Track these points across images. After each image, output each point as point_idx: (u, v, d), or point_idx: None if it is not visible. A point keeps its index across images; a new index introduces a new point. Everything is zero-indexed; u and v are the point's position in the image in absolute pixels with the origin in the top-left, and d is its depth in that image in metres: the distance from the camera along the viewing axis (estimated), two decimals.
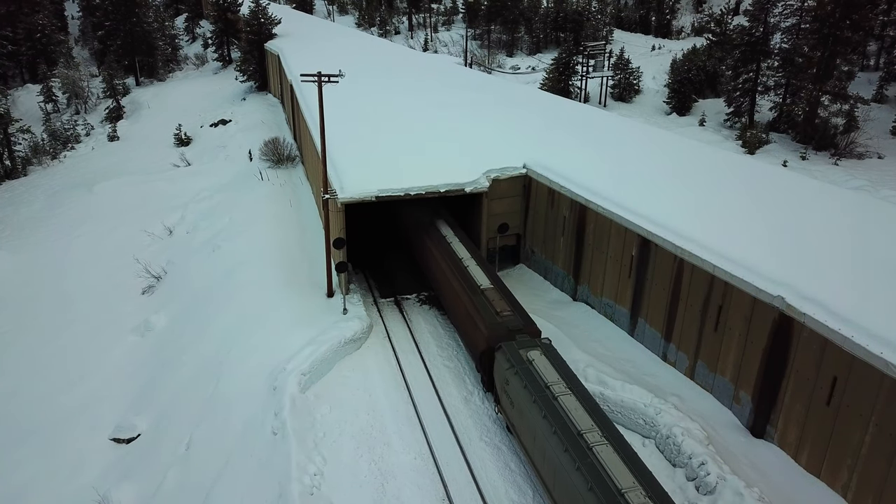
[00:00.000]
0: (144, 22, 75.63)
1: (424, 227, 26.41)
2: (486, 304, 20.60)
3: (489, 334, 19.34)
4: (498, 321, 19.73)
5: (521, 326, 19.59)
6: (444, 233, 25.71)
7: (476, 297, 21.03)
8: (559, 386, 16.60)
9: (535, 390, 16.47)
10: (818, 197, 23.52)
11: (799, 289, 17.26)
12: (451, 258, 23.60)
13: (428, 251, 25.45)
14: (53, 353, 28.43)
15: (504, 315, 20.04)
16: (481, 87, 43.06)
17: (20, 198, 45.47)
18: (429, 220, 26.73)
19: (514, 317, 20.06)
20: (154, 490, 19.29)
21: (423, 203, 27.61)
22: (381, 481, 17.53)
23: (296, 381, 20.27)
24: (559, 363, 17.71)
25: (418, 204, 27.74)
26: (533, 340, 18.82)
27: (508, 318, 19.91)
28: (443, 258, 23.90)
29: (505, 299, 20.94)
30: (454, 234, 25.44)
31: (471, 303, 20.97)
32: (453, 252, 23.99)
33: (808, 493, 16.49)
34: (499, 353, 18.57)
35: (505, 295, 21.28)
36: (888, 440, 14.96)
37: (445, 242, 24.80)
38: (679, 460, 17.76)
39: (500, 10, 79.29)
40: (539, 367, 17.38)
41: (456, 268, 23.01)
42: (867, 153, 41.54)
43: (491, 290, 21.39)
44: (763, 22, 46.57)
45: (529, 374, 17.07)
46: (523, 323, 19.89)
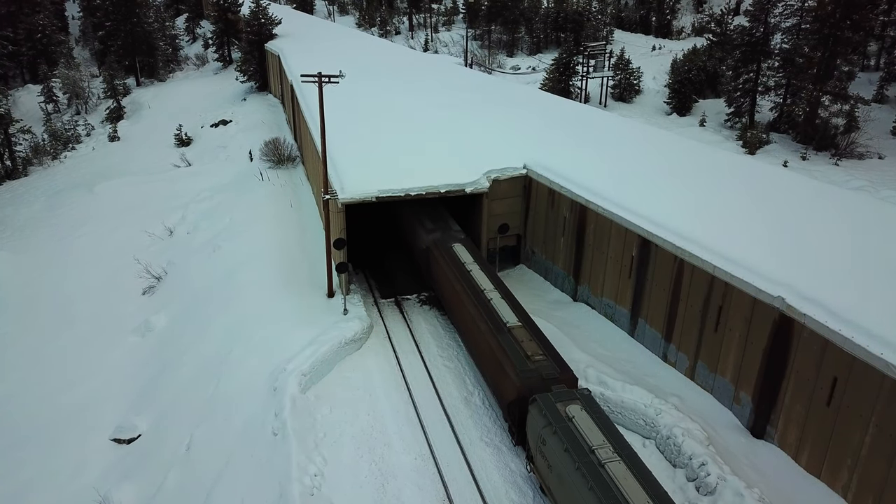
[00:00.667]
0: (145, 22, 75.66)
1: (439, 250, 24.37)
2: (515, 347, 18.56)
3: (520, 383, 17.33)
4: (530, 367, 17.74)
5: (556, 374, 17.62)
6: (463, 258, 23.53)
7: (503, 338, 18.97)
8: (606, 450, 14.62)
9: (579, 455, 14.54)
10: (818, 197, 23.52)
11: (799, 289, 17.27)
12: (472, 289, 21.54)
13: (443, 277, 23.64)
14: (54, 354, 28.45)
15: (536, 360, 18.04)
16: (481, 88, 43.07)
17: (21, 198, 45.50)
18: (443, 240, 24.88)
19: (548, 362, 18.05)
20: (155, 490, 19.30)
21: (433, 216, 26.97)
22: (382, 482, 17.54)
23: (296, 382, 20.27)
24: (603, 421, 15.66)
25: (427, 215, 26.84)
26: (571, 392, 16.79)
27: (541, 364, 17.91)
28: (462, 288, 21.83)
29: (536, 340, 18.96)
30: (474, 261, 23.35)
31: (497, 344, 18.94)
32: (474, 282, 21.89)
33: (809, 493, 16.50)
34: (533, 406, 16.52)
35: (535, 335, 19.28)
36: (888, 441, 14.96)
37: (464, 270, 22.72)
38: (679, 461, 17.76)
39: (501, 11, 79.31)
40: (581, 425, 15.34)
41: (478, 300, 20.91)
42: (868, 153, 41.52)
43: (519, 329, 19.33)
44: (763, 22, 46.56)
45: (570, 435, 15.08)
46: (558, 370, 17.89)
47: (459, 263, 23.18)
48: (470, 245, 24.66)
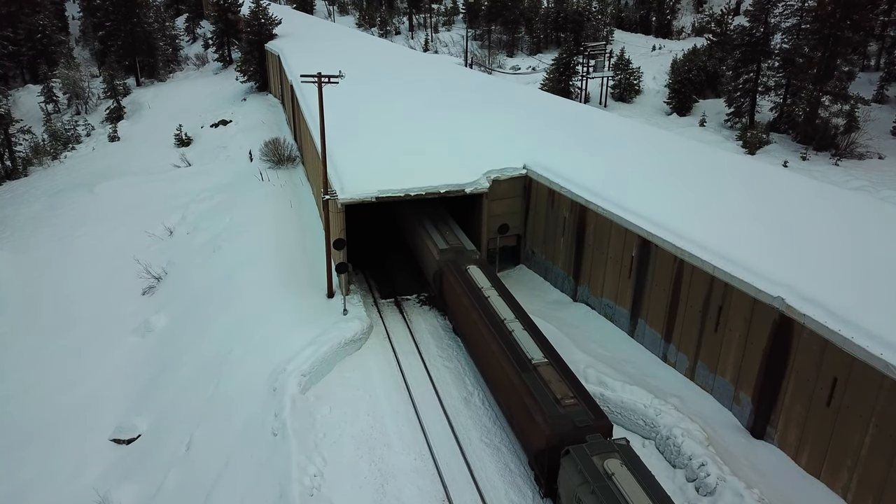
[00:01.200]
0: (145, 22, 75.65)
1: (454, 273, 22.74)
2: (543, 388, 16.93)
3: (550, 431, 15.78)
4: (560, 413, 16.11)
5: (589, 422, 15.94)
6: (480, 282, 21.91)
7: (528, 377, 17.33)
8: None
9: None
10: (817, 197, 23.52)
11: (799, 289, 17.27)
12: (491, 319, 19.88)
13: (458, 303, 21.99)
14: (54, 354, 28.45)
15: (567, 404, 16.38)
16: (481, 88, 43.06)
17: (21, 198, 45.50)
18: (456, 261, 23.40)
19: (580, 406, 16.37)
20: (154, 491, 19.30)
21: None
22: (382, 482, 17.54)
23: (296, 382, 20.27)
24: (647, 478, 14.24)
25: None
26: (608, 443, 15.35)
27: (573, 409, 16.25)
28: (480, 317, 20.18)
29: (566, 380, 17.31)
30: (492, 285, 21.74)
31: (522, 384, 17.30)
32: (493, 311, 20.23)
33: (809, 494, 16.50)
34: (566, 460, 15.05)
35: (565, 374, 17.62)
36: (888, 441, 14.96)
37: (482, 296, 21.05)
38: (679, 461, 17.76)
39: (501, 11, 79.29)
40: (623, 484, 13.91)
41: (498, 333, 19.21)
42: (868, 153, 41.52)
43: (546, 367, 17.71)
44: (763, 22, 46.55)
45: (611, 497, 13.61)
46: (592, 416, 16.16)
47: (476, 289, 21.52)
48: (486, 266, 23.26)
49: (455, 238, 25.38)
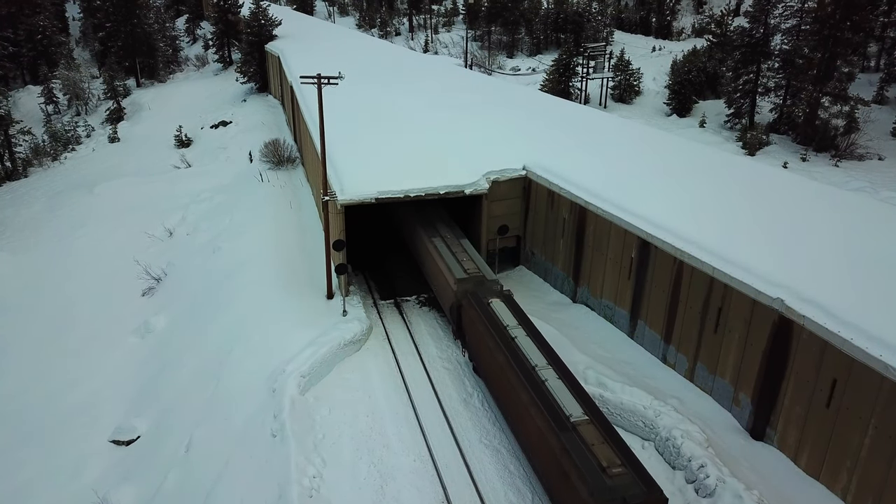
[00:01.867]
0: (145, 23, 75.71)
1: (475, 308, 20.51)
2: (585, 453, 14.80)
3: None
4: (607, 485, 14.04)
5: (642, 496, 13.86)
6: (505, 320, 19.70)
7: (567, 439, 15.17)
8: None
9: None
10: (816, 198, 23.54)
11: (798, 291, 17.27)
12: (520, 364, 17.67)
13: (482, 343, 19.94)
14: (53, 355, 28.43)
15: (615, 473, 14.29)
16: (481, 89, 43.06)
17: (21, 199, 45.50)
18: (477, 292, 21.14)
19: (630, 476, 14.27)
20: (154, 492, 19.31)
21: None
22: (381, 483, 17.53)
23: (295, 384, 20.27)
24: None
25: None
26: None
27: (622, 480, 14.17)
28: (507, 362, 18.03)
29: (611, 443, 15.14)
30: (518, 323, 19.54)
31: (559, 446, 15.17)
32: (523, 355, 17.97)
33: (808, 495, 16.49)
34: None
35: (609, 434, 15.42)
36: (887, 442, 14.95)
37: (507, 336, 18.80)
38: (678, 463, 17.75)
39: (501, 12, 79.31)
40: None
41: (529, 383, 16.96)
42: (867, 154, 41.50)
43: (588, 427, 15.53)
44: (763, 23, 46.56)
45: None
46: (644, 488, 14.05)
47: (501, 327, 19.27)
48: (510, 300, 21.04)
49: (469, 260, 23.38)
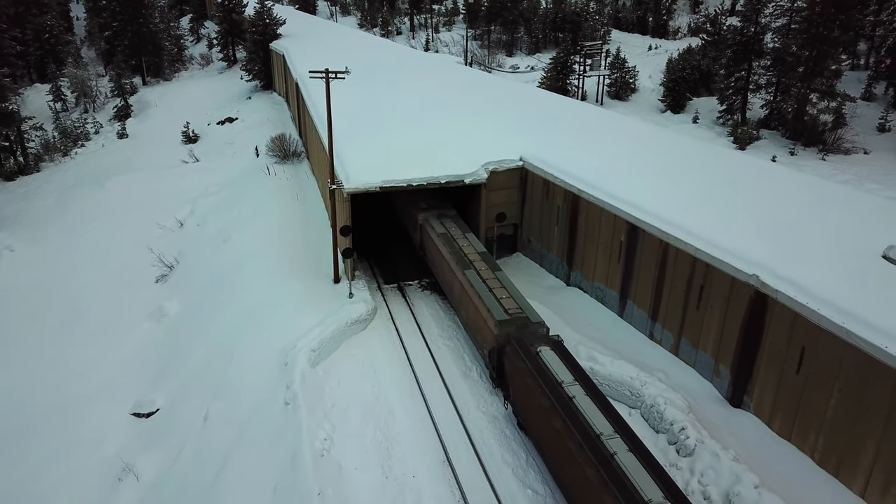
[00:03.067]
0: (151, 23, 77.21)
1: (522, 358, 18.37)
2: None
3: None
4: None
5: None
6: (560, 375, 17.26)
7: None
8: None
9: None
10: (794, 186, 24.99)
11: (773, 268, 18.63)
12: (583, 432, 15.24)
13: (534, 403, 17.60)
14: (72, 339, 29.79)
15: None
16: (480, 85, 44.46)
17: (34, 193, 46.92)
18: (522, 338, 19.12)
19: None
20: (175, 456, 20.72)
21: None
22: (387, 446, 18.95)
23: (306, 358, 21.69)
24: None
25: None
26: None
27: None
28: (568, 429, 15.68)
29: None
30: (575, 378, 17.16)
31: None
32: (585, 422, 15.48)
33: (779, 453, 17.87)
34: None
35: None
36: (850, 403, 16.36)
37: (565, 396, 16.43)
38: (662, 427, 19.17)
39: (500, 11, 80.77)
40: None
41: (596, 456, 14.56)
42: (854, 149, 42.93)
43: None
44: (755, 22, 48.00)
45: None
46: None
47: (555, 384, 16.90)
48: (561, 348, 18.93)
49: (503, 290, 21.65)
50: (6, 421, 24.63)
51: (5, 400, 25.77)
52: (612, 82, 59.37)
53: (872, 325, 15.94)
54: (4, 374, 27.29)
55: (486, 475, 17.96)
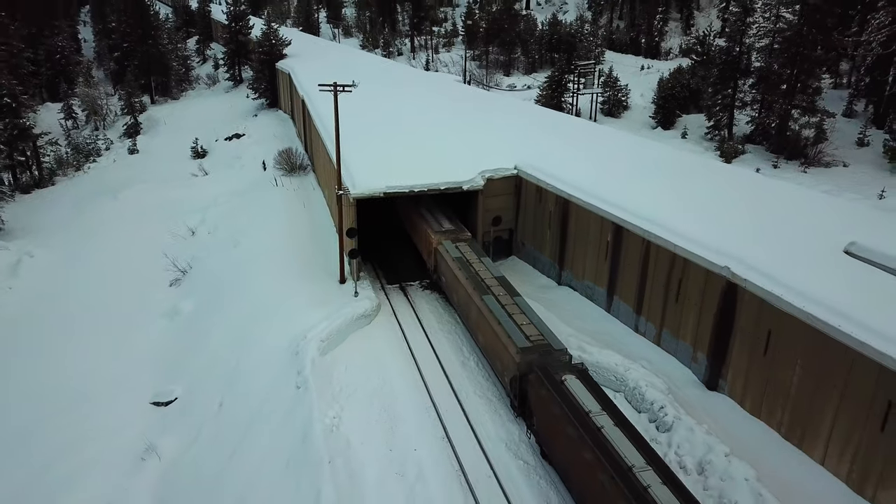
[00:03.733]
0: (160, 44, 79.90)
1: (546, 387, 17.96)
2: None
3: None
4: None
5: None
6: (586, 404, 16.92)
7: None
8: None
9: None
10: (765, 189, 27.04)
11: (743, 260, 20.49)
12: (615, 464, 14.93)
13: (557, 427, 17.37)
14: (90, 336, 31.27)
15: None
16: (478, 101, 46.69)
17: (50, 204, 48.83)
18: (546, 366, 18.78)
19: None
20: (194, 437, 22.36)
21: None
22: (391, 424, 20.61)
23: (315, 347, 23.43)
24: None
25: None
26: None
27: None
28: (597, 459, 15.31)
29: None
30: (602, 408, 16.86)
31: None
32: (616, 454, 15.15)
33: (750, 429, 19.57)
34: None
35: None
36: (810, 379, 18.10)
37: (593, 426, 16.13)
38: (643, 407, 20.89)
39: (498, 33, 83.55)
40: None
41: (630, 489, 14.18)
42: (834, 162, 44.99)
43: None
44: (739, 42, 50.41)
45: None
46: None
47: (583, 414, 16.52)
48: (587, 377, 18.47)
49: (522, 315, 21.52)
50: (32, 409, 26.19)
51: (31, 390, 27.35)
52: (605, 100, 61.70)
53: (830, 307, 17.74)
54: (30, 366, 28.90)
55: (482, 449, 19.61)
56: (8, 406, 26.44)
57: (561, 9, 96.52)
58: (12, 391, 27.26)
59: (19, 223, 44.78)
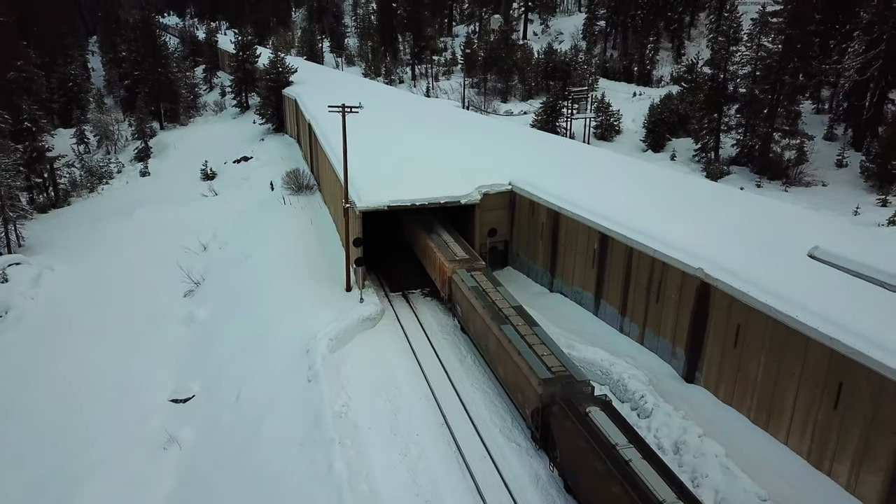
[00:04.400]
0: (170, 72, 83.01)
1: (570, 418, 17.89)
2: None
3: None
4: None
5: None
6: (614, 438, 16.77)
7: None
8: None
9: None
10: (741, 201, 29.30)
11: (715, 262, 22.59)
12: (646, 499, 14.76)
13: (584, 463, 17.17)
14: (111, 340, 33.20)
15: None
16: (475, 124, 49.23)
17: (67, 223, 51.02)
18: (569, 398, 18.65)
19: None
20: (212, 427, 24.19)
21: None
22: (395, 412, 22.51)
23: (325, 344, 25.41)
24: None
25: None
26: None
27: None
28: (626, 493, 15.25)
29: None
30: (629, 441, 16.70)
31: None
32: (650, 493, 14.91)
33: (722, 415, 21.49)
34: None
35: None
36: (773, 366, 20.08)
37: (620, 459, 16.03)
38: (626, 397, 22.80)
39: (496, 61, 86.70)
40: None
41: None
42: (814, 182, 47.33)
43: None
44: (724, 70, 53.18)
45: None
46: None
47: (609, 447, 16.45)
48: (611, 409, 18.36)
49: (547, 351, 21.12)
50: (56, 405, 28.00)
51: (54, 389, 29.17)
52: (598, 124, 64.33)
53: (790, 301, 19.80)
54: (52, 368, 30.76)
55: (479, 434, 21.48)
56: (34, 402, 28.24)
57: (556, 38, 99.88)
58: (38, 390, 29.05)
59: (38, 240, 46.93)
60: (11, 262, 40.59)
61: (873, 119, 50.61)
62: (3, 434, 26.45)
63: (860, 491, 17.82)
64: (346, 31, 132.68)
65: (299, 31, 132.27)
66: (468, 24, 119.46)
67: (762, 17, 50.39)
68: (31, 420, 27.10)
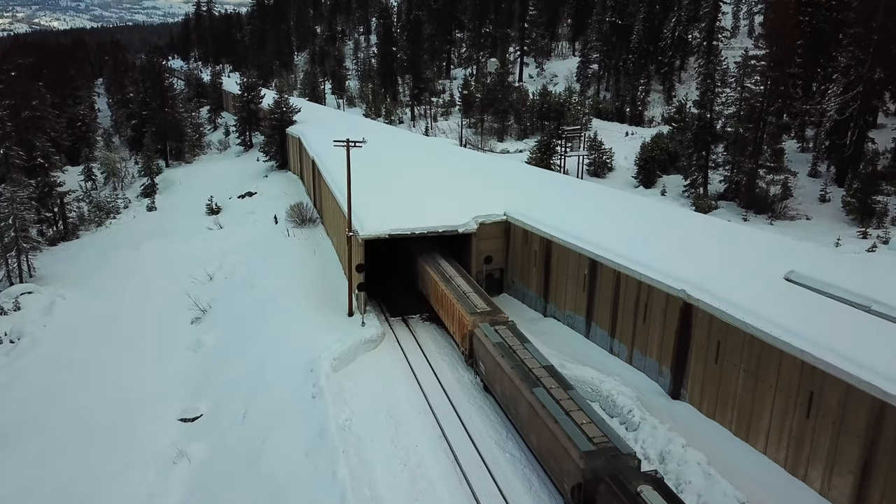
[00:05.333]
0: (176, 111, 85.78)
1: (617, 496, 16.55)
2: None
3: None
4: None
5: None
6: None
7: None
8: None
9: None
10: (722, 229, 30.96)
11: (696, 284, 24.09)
12: None
13: None
14: (120, 366, 34.41)
15: None
16: (472, 160, 51.28)
17: (76, 255, 52.59)
18: (616, 474, 17.40)
19: None
20: (221, 442, 25.30)
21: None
22: (395, 426, 23.69)
23: (328, 364, 26.69)
24: None
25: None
26: None
27: None
28: None
29: None
30: None
31: None
32: None
33: (705, 428, 22.70)
34: None
35: None
36: (750, 379, 21.43)
37: None
38: (615, 412, 24.03)
39: (492, 102, 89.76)
40: None
41: None
42: (798, 216, 49.27)
43: None
44: (710, 110, 55.67)
45: None
46: None
47: None
48: (664, 487, 17.01)
49: (586, 418, 19.51)
50: (72, 423, 29.12)
51: (67, 410, 30.31)
52: (591, 161, 66.63)
53: (766, 319, 21.24)
54: (71, 390, 31.91)
55: (474, 444, 22.65)
56: (54, 420, 29.37)
57: (551, 81, 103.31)
58: (56, 409, 30.19)
59: (49, 271, 48.41)
60: (24, 291, 42.03)
61: (854, 156, 52.83)
62: (28, 448, 27.53)
63: (832, 495, 19.00)
64: (347, 73, 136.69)
65: (301, 74, 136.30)
66: (466, 67, 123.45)
67: (745, 60, 53.04)
68: (52, 436, 28.19)
